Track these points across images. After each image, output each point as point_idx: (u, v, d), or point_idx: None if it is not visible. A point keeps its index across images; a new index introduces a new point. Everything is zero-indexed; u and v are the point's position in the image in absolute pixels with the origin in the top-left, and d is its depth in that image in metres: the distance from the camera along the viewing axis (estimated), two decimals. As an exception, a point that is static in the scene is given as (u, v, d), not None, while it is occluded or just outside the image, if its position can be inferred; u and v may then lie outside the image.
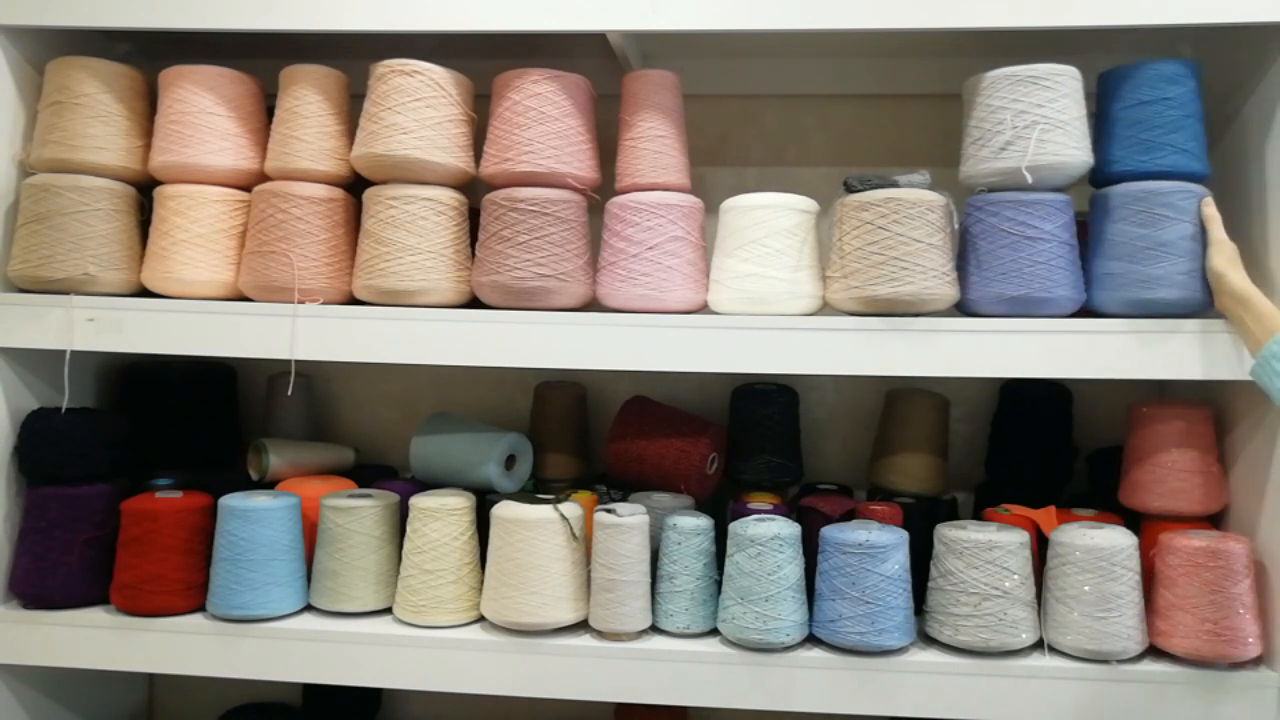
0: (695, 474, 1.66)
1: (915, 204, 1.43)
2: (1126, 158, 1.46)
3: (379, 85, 1.56)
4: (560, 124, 1.55)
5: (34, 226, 1.58)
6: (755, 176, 1.86)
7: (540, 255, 1.52)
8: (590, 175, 1.59)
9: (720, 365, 1.48)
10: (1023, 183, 1.44)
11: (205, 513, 1.60)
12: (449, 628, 1.54)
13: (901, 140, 1.83)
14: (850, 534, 1.45)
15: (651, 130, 1.58)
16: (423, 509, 1.55)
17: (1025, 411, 1.71)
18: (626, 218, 1.54)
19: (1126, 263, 1.43)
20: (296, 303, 1.54)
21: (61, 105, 1.60)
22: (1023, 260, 1.43)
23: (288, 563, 1.56)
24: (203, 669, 1.55)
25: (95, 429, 1.63)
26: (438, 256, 1.55)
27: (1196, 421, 1.53)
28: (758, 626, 1.44)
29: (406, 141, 1.53)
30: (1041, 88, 1.43)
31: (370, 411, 1.96)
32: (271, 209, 1.58)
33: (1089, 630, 1.42)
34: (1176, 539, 1.44)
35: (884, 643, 1.43)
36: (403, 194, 1.55)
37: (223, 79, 1.63)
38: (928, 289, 1.43)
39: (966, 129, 1.51)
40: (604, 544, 1.50)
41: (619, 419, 1.73)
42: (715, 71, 1.82)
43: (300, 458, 1.77)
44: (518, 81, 1.55)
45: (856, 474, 1.84)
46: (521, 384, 1.89)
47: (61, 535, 1.58)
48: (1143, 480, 1.54)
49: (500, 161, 1.55)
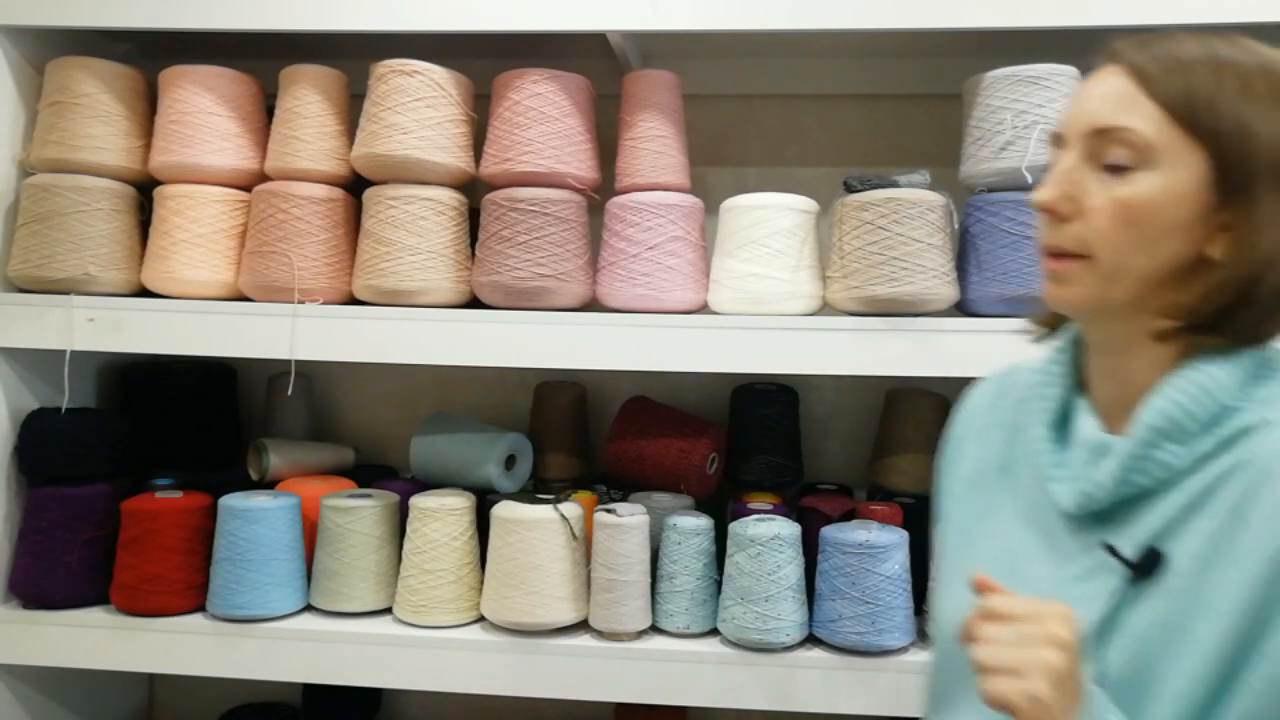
0: (695, 474, 1.66)
1: (915, 204, 1.43)
2: (1126, 158, 1.46)
3: (379, 85, 1.56)
4: (560, 124, 1.55)
5: (34, 226, 1.58)
6: (755, 176, 1.86)
7: (540, 255, 1.52)
8: (590, 175, 1.59)
9: (720, 365, 1.48)
10: (1023, 183, 1.44)
11: (205, 513, 1.60)
12: (449, 628, 1.54)
13: (901, 140, 1.83)
14: (850, 534, 1.45)
15: (651, 130, 1.58)
16: (423, 509, 1.55)
17: (1025, 411, 1.71)
18: (626, 218, 1.54)
19: (1126, 263, 1.43)
20: (296, 303, 1.54)
21: (61, 105, 1.60)
22: (1022, 260, 1.43)
23: (288, 563, 1.56)
24: (203, 669, 1.55)
25: (95, 429, 1.63)
26: (438, 256, 1.55)
27: (1196, 421, 1.53)
28: (758, 626, 1.44)
29: (406, 141, 1.53)
30: (1041, 88, 1.43)
31: (370, 411, 1.96)
32: (271, 209, 1.58)
33: (1089, 630, 1.42)
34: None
35: (884, 643, 1.43)
36: (403, 194, 1.55)
37: (223, 79, 1.63)
38: (928, 289, 1.43)
39: (966, 129, 1.51)
40: (604, 544, 1.50)
41: (619, 419, 1.73)
42: (715, 71, 1.82)
43: (300, 458, 1.77)
44: (518, 81, 1.55)
45: (856, 474, 1.84)
46: (521, 384, 1.89)
47: (61, 535, 1.58)
48: (1143, 480, 1.54)
49: (500, 161, 1.55)
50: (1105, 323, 0.84)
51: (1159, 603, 0.77)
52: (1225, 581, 0.75)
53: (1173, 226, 0.78)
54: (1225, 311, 0.78)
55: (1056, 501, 0.85)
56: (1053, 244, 0.82)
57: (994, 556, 0.90)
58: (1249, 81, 0.79)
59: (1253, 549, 0.74)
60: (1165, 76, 0.80)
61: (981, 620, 0.75)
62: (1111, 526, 0.82)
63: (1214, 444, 0.78)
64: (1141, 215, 0.78)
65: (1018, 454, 0.93)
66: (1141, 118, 0.79)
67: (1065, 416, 0.89)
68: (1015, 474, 0.93)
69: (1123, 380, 0.84)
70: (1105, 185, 0.79)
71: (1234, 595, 0.74)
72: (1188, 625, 0.75)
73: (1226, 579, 0.74)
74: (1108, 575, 0.80)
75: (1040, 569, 0.86)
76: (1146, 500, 0.80)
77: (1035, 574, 0.85)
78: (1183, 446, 0.78)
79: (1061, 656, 0.71)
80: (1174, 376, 0.79)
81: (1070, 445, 0.87)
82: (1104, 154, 0.80)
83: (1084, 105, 0.83)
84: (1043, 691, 0.70)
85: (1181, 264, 0.79)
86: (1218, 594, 0.75)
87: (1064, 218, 0.81)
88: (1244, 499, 0.75)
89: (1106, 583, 0.80)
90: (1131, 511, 0.81)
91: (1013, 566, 0.87)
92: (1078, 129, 0.82)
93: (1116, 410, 0.85)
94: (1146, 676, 0.77)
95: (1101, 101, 0.81)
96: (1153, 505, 0.80)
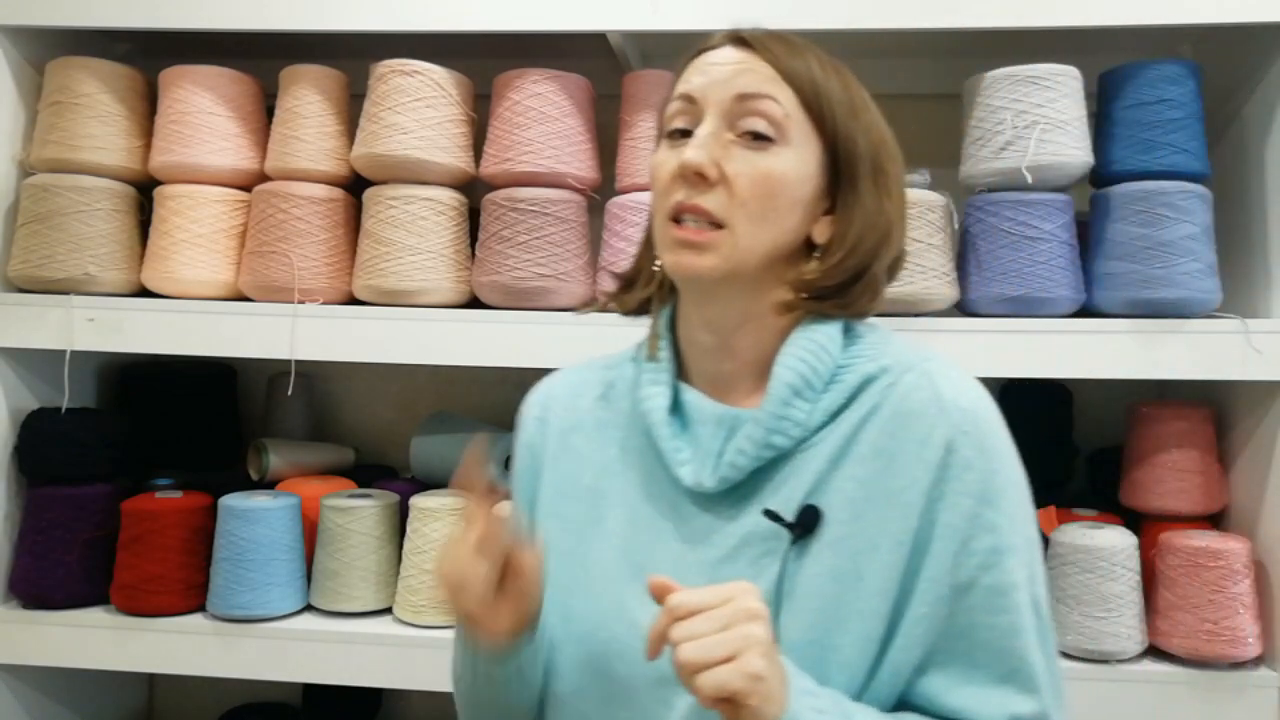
0: (695, 474, 1.66)
1: (915, 204, 1.43)
2: (1127, 158, 1.46)
3: (379, 85, 1.56)
4: (560, 124, 1.55)
5: (34, 226, 1.58)
6: (755, 176, 1.85)
7: (540, 255, 1.52)
8: (590, 175, 1.59)
9: (720, 365, 1.47)
10: (1023, 183, 1.44)
11: (205, 513, 1.60)
12: (449, 628, 1.53)
13: (901, 140, 1.82)
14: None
15: (652, 130, 1.58)
16: (423, 509, 1.55)
17: (1025, 412, 1.69)
18: (627, 218, 1.54)
19: (1127, 262, 1.43)
20: (296, 303, 1.54)
21: (61, 105, 1.60)
22: (1023, 260, 1.43)
23: (288, 563, 1.56)
24: (203, 669, 1.55)
25: (95, 429, 1.63)
26: (438, 256, 1.55)
27: (1197, 421, 1.53)
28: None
29: (406, 141, 1.53)
30: (1042, 88, 1.43)
31: (370, 411, 1.96)
32: (271, 209, 1.58)
33: (1089, 630, 1.42)
34: (1176, 539, 1.44)
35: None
36: (403, 194, 1.55)
37: (223, 79, 1.63)
38: (928, 289, 1.43)
39: (966, 129, 1.51)
40: (604, 544, 1.49)
41: (619, 419, 1.72)
42: (715, 71, 1.82)
43: (300, 458, 1.77)
44: (518, 81, 1.55)
45: (856, 474, 1.83)
46: (521, 384, 1.88)
47: (61, 535, 1.58)
48: (1143, 480, 1.54)
49: (500, 161, 1.55)
50: (729, 295, 0.85)
51: (824, 556, 0.80)
52: (885, 519, 0.80)
53: (798, 203, 0.84)
54: (840, 287, 0.84)
55: (688, 485, 0.85)
56: (697, 205, 0.81)
57: (621, 558, 0.87)
58: (851, 97, 0.87)
59: (906, 484, 0.80)
60: (797, 66, 0.84)
61: (672, 622, 0.72)
62: (750, 499, 0.83)
63: (843, 397, 0.83)
64: (779, 188, 0.82)
65: (631, 447, 0.90)
66: (782, 94, 0.83)
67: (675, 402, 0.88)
68: (628, 469, 0.90)
69: (731, 355, 0.86)
70: (746, 155, 0.82)
71: (896, 529, 0.79)
72: (857, 568, 0.79)
73: (886, 517, 0.80)
74: (763, 544, 0.82)
75: (682, 557, 0.85)
76: (784, 464, 0.83)
77: (678, 563, 0.84)
78: (810, 404, 0.83)
79: (763, 628, 0.72)
80: (794, 340, 0.84)
81: (690, 427, 0.86)
82: (744, 123, 0.82)
83: (723, 73, 0.84)
84: (760, 666, 0.70)
85: (796, 241, 0.85)
86: (879, 532, 0.80)
87: (712, 183, 0.81)
88: (890, 440, 0.81)
89: (763, 551, 0.82)
90: (768, 480, 0.83)
91: (648, 562, 0.85)
92: (719, 95, 0.83)
93: (723, 387, 0.87)
94: (825, 632, 0.79)
95: (742, 72, 0.83)
96: (794, 468, 0.83)
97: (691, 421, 0.87)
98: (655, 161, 0.86)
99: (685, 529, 0.86)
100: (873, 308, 0.88)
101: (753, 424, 0.83)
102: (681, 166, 0.82)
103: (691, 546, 0.85)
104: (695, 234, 0.81)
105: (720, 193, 0.81)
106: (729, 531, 0.84)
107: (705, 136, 0.82)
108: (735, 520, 0.84)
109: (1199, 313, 1.43)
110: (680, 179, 0.82)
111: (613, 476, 0.91)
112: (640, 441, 0.90)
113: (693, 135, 0.83)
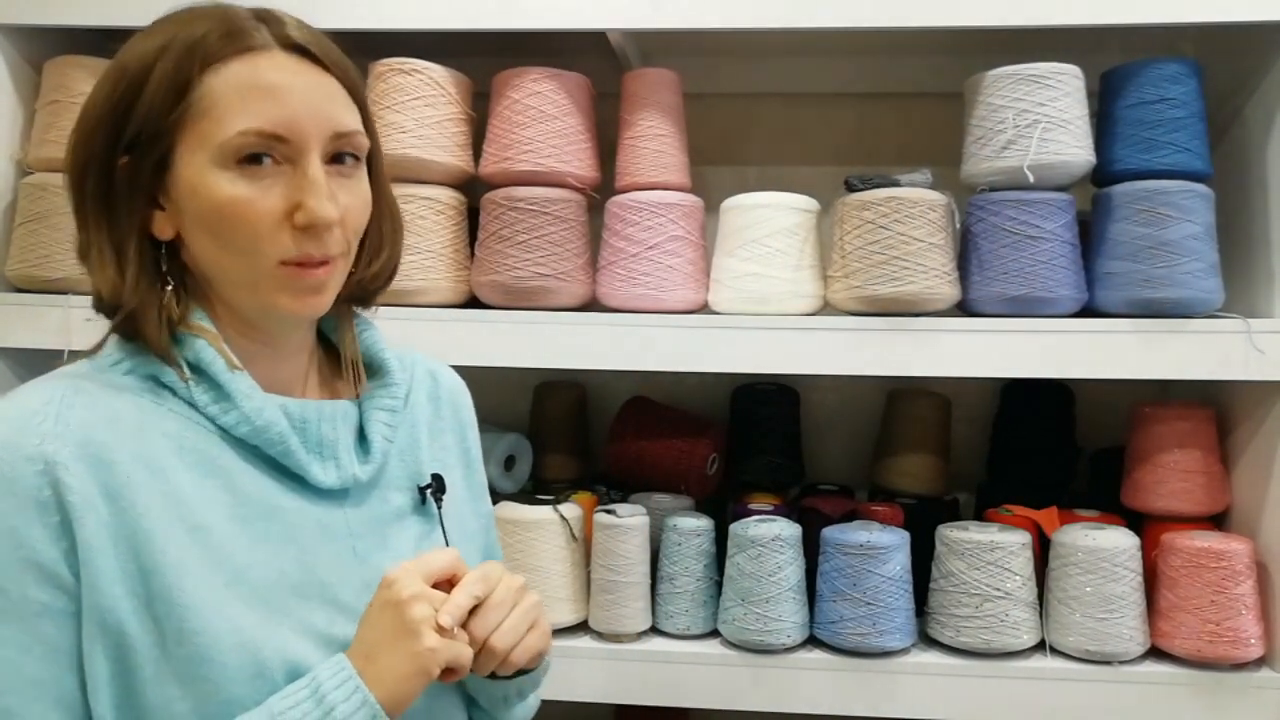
0: (695, 474, 1.65)
1: (917, 203, 1.43)
2: (1129, 157, 1.46)
3: (378, 84, 1.55)
4: (560, 123, 1.54)
5: (32, 226, 1.57)
6: (756, 176, 1.85)
7: (540, 255, 1.51)
8: (590, 174, 1.58)
9: (720, 365, 1.47)
10: (1024, 182, 1.43)
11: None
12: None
13: (903, 139, 1.83)
14: (851, 535, 1.45)
15: (651, 129, 1.57)
16: (422, 509, 1.54)
17: (1027, 412, 1.70)
18: (626, 217, 1.54)
19: (1129, 262, 1.43)
20: (295, 302, 1.54)
21: (60, 105, 1.59)
22: (1024, 260, 1.43)
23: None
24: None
25: (93, 429, 1.62)
26: (437, 256, 1.55)
27: (1199, 422, 1.53)
28: (758, 628, 1.44)
29: (405, 140, 1.53)
30: (1043, 86, 1.42)
31: (369, 412, 1.95)
32: (270, 208, 1.57)
33: (1091, 631, 1.41)
34: (1178, 539, 1.43)
35: (885, 644, 1.42)
36: (402, 193, 1.54)
37: (221, 78, 1.62)
38: (929, 288, 1.42)
39: (968, 128, 1.50)
40: (604, 545, 1.49)
41: (619, 419, 1.72)
42: (715, 71, 1.82)
43: (299, 458, 1.76)
44: (517, 80, 1.55)
45: (857, 474, 1.83)
46: (521, 384, 1.89)
47: (59, 536, 1.57)
48: (1145, 481, 1.53)
49: (500, 160, 1.54)
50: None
51: (462, 509, 0.99)
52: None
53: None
54: (376, 290, 0.95)
55: (328, 485, 0.85)
56: (326, 254, 0.81)
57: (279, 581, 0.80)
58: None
59: (455, 437, 1.02)
60: (353, 79, 0.87)
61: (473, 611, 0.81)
62: (378, 484, 0.91)
63: (414, 380, 0.99)
64: (367, 209, 0.87)
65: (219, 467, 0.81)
66: (357, 119, 0.85)
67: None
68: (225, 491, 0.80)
69: (291, 356, 0.90)
70: (343, 184, 0.83)
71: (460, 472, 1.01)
72: (477, 509, 1.03)
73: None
74: (417, 519, 0.93)
75: (340, 554, 0.85)
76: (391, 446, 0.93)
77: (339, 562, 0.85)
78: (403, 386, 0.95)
79: (535, 593, 0.87)
80: (365, 334, 0.97)
81: (304, 429, 0.85)
82: (336, 153, 0.83)
83: (309, 102, 0.80)
84: (543, 614, 0.87)
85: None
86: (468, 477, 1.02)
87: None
88: (452, 411, 1.02)
89: (418, 525, 0.92)
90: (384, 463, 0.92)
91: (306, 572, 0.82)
92: (319, 133, 0.80)
93: (293, 387, 0.90)
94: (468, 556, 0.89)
95: (330, 102, 0.83)
96: (402, 449, 0.94)
97: (306, 423, 0.85)
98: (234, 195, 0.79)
99: (323, 531, 0.85)
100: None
101: (380, 410, 0.92)
102: (323, 223, 0.80)
103: (334, 542, 0.85)
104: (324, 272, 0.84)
105: (337, 231, 0.83)
106: (359, 523, 0.88)
107: (321, 184, 0.80)
108: (358, 509, 0.89)
109: (1201, 312, 1.42)
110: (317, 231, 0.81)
111: (213, 505, 0.79)
112: (232, 459, 0.82)
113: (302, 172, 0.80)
